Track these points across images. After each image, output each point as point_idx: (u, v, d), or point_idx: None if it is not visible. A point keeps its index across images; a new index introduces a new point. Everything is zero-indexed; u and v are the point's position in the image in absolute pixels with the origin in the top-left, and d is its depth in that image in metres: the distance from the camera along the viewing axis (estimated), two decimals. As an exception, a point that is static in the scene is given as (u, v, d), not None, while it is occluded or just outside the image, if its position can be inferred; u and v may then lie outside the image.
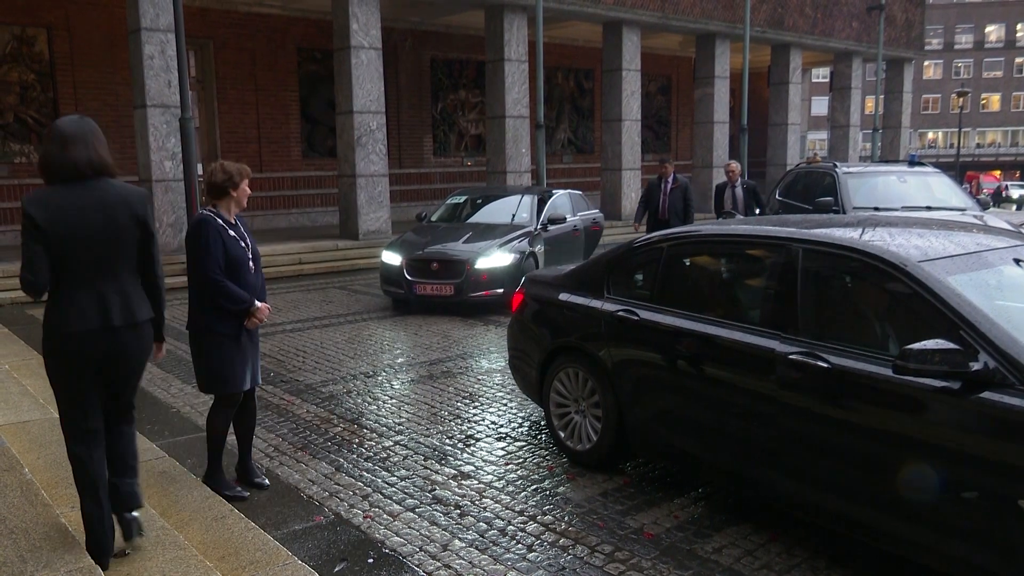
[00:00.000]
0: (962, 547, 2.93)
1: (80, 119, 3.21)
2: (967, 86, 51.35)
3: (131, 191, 3.18)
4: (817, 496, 3.46)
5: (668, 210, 10.71)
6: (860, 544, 3.60)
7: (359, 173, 14.84)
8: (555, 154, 22.93)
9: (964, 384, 2.88)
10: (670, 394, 4.26)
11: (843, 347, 3.35)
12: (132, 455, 3.37)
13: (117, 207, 3.07)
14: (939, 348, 2.88)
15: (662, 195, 10.78)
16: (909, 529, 3.12)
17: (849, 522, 3.36)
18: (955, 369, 2.86)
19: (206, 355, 4.16)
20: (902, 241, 3.55)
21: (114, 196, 3.09)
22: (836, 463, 3.34)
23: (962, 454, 2.91)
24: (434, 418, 5.71)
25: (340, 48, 14.75)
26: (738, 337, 3.80)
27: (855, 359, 3.27)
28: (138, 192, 3.21)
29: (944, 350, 2.87)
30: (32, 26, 14.68)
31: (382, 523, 4.04)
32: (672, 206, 10.67)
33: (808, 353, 3.42)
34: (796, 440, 3.50)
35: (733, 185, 10.89)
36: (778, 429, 3.57)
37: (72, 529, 3.32)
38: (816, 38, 24.02)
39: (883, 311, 3.58)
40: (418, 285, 9.51)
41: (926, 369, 2.89)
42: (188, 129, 11.50)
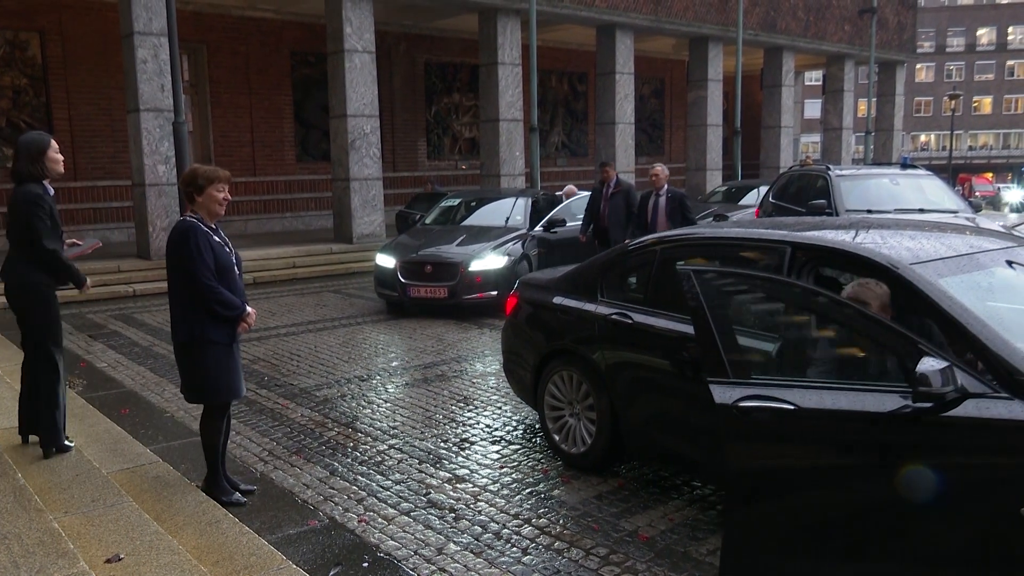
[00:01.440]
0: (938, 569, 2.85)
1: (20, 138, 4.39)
2: (959, 89, 51.57)
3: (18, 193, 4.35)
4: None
5: (608, 217, 9.76)
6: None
7: (353, 177, 14.84)
8: (549, 157, 22.96)
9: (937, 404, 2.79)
10: (664, 397, 4.28)
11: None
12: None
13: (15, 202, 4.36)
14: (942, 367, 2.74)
15: (603, 201, 9.95)
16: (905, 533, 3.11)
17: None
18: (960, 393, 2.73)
19: (202, 365, 4.09)
20: (894, 243, 3.56)
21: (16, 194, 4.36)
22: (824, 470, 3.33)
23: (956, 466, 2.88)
24: (429, 422, 5.70)
25: (334, 52, 14.75)
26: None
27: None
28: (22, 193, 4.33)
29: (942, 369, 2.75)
30: (25, 30, 14.65)
31: (377, 527, 4.04)
32: (612, 213, 9.70)
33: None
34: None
35: (657, 193, 9.27)
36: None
37: (66, 534, 3.31)
38: (809, 41, 24.11)
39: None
40: (412, 288, 9.51)
41: (947, 392, 2.66)
42: (181, 133, 11.49)
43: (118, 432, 5.23)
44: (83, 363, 7.58)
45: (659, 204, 9.16)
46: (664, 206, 9.12)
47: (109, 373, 7.22)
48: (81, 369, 7.35)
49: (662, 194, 9.20)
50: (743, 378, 3.05)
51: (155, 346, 8.28)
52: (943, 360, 2.74)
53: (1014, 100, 65.08)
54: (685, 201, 9.25)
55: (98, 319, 9.89)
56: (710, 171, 21.82)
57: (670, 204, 9.12)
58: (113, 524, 3.59)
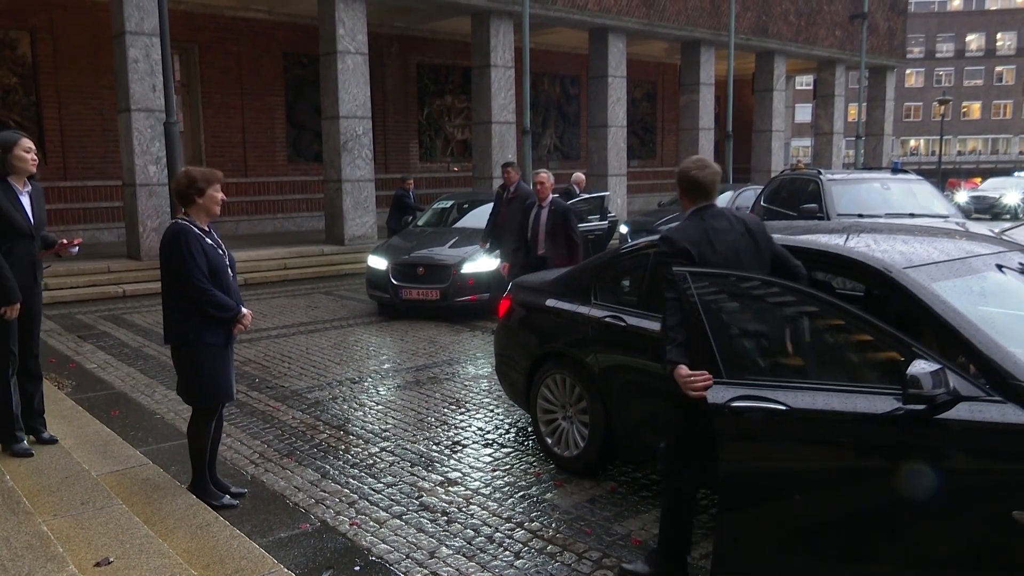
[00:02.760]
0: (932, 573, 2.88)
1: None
2: (948, 94, 51.87)
3: None
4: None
5: (506, 222, 8.70)
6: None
7: (345, 178, 14.80)
8: (541, 160, 22.96)
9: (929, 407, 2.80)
10: (658, 400, 4.26)
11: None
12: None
13: None
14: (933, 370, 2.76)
15: (501, 206, 9.09)
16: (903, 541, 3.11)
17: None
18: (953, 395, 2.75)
19: (196, 367, 4.07)
20: (887, 247, 3.57)
21: None
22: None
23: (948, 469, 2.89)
24: (420, 424, 5.69)
25: (326, 53, 14.72)
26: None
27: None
28: None
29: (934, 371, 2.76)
30: (15, 29, 14.55)
31: (368, 530, 4.02)
32: (509, 220, 8.53)
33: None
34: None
35: (540, 204, 7.79)
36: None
37: (55, 537, 3.28)
38: (800, 46, 24.21)
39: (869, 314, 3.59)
40: (404, 290, 9.49)
41: (938, 395, 2.70)
42: (172, 133, 11.44)
43: (108, 434, 5.19)
44: (72, 364, 7.53)
45: (540, 217, 7.68)
46: (545, 220, 7.62)
47: (99, 374, 7.17)
48: (70, 370, 7.30)
49: (545, 206, 7.68)
50: (737, 379, 3.07)
51: (145, 347, 8.23)
52: (935, 363, 2.75)
53: (1002, 105, 65.52)
54: (569, 216, 7.63)
55: (87, 320, 9.82)
56: (702, 175, 21.84)
57: (552, 219, 7.60)
58: (103, 527, 3.56)
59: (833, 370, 3.13)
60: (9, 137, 4.49)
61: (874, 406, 2.84)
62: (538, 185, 7.71)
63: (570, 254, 7.42)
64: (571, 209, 7.86)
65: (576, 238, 7.58)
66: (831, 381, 3.00)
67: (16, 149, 4.44)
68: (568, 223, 7.58)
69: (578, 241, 7.56)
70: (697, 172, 3.42)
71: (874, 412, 2.82)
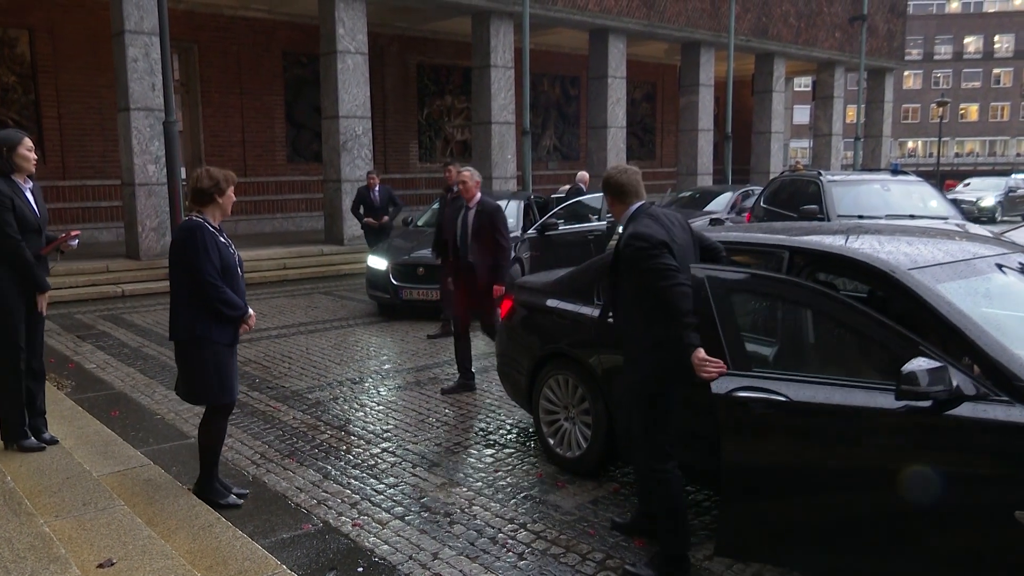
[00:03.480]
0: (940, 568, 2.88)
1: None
2: (946, 96, 51.95)
3: None
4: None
5: (445, 227, 7.40)
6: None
7: (345, 178, 14.79)
8: (541, 160, 22.97)
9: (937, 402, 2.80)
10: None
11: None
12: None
13: None
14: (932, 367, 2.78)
15: (445, 208, 7.90)
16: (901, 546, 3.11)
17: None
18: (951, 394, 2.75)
19: (204, 365, 4.06)
20: (891, 248, 3.57)
21: None
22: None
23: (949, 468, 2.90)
24: (422, 425, 5.68)
25: (327, 52, 14.71)
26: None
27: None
28: None
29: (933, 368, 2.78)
30: (14, 27, 14.52)
31: (371, 531, 4.01)
32: (448, 221, 7.35)
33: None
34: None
35: (467, 206, 6.79)
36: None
37: (57, 539, 3.26)
38: (800, 47, 24.23)
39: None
40: (404, 290, 9.47)
41: (933, 392, 2.72)
42: (172, 133, 11.41)
43: (108, 434, 5.18)
44: (72, 364, 7.51)
45: (467, 219, 6.74)
46: (472, 222, 6.69)
47: (98, 374, 7.15)
48: (70, 370, 7.28)
49: (472, 206, 6.73)
50: (743, 370, 3.16)
51: (145, 347, 8.21)
52: (937, 361, 2.75)
53: (1000, 108, 65.63)
54: (497, 218, 6.67)
55: (87, 319, 9.80)
56: (701, 176, 21.87)
57: (478, 220, 6.65)
58: (105, 528, 3.55)
59: (839, 365, 3.14)
60: (13, 136, 4.51)
61: (875, 401, 2.89)
62: (460, 185, 6.71)
63: (496, 260, 6.58)
64: (500, 208, 6.84)
65: (504, 241, 6.62)
66: (836, 376, 3.04)
67: (20, 148, 4.47)
68: (495, 224, 6.62)
69: (506, 245, 6.66)
70: (621, 176, 3.65)
71: (873, 407, 2.87)
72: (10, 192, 4.41)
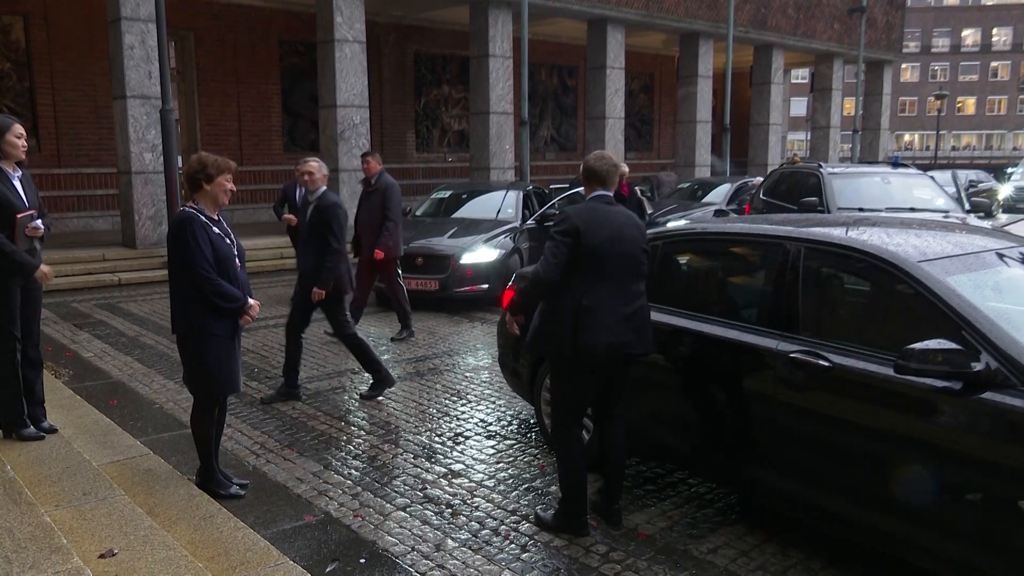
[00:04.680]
0: (961, 549, 2.93)
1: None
2: (943, 89, 51.96)
3: None
4: (814, 496, 3.45)
5: (359, 220, 7.84)
6: (855, 545, 3.59)
7: (342, 167, 14.70)
8: (538, 151, 22.89)
9: (966, 385, 2.87)
10: (663, 393, 4.25)
11: (844, 346, 3.34)
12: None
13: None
14: (941, 348, 2.87)
15: (363, 200, 8.15)
16: (908, 530, 3.11)
17: (846, 522, 3.36)
18: (957, 369, 2.86)
19: (201, 358, 4.01)
20: (900, 240, 3.54)
21: None
22: (835, 462, 3.33)
23: (963, 455, 2.91)
24: (422, 416, 5.65)
25: (324, 41, 14.60)
26: (735, 336, 3.79)
27: (856, 358, 3.26)
28: None
29: (946, 350, 2.86)
30: (8, 14, 14.39)
31: (373, 522, 3.99)
32: (366, 216, 7.83)
33: (809, 352, 3.41)
34: (794, 439, 3.49)
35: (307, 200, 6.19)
36: (775, 428, 3.56)
37: (58, 528, 3.23)
38: (798, 39, 24.17)
39: (883, 311, 3.58)
40: (402, 280, 9.40)
41: (928, 369, 2.88)
42: (169, 121, 11.33)
43: (107, 423, 5.15)
44: (69, 353, 7.46)
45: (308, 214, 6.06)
46: (310, 217, 6.01)
47: (95, 363, 7.11)
48: (67, 359, 7.24)
49: (312, 200, 6.05)
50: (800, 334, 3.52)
51: (142, 336, 8.17)
52: (956, 345, 2.89)
53: (997, 101, 65.67)
54: (329, 215, 5.82)
55: (83, 308, 9.75)
56: (699, 167, 21.82)
57: (315, 216, 5.94)
58: (106, 518, 3.52)
59: (885, 337, 3.31)
60: (2, 122, 4.43)
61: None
62: (305, 176, 6.01)
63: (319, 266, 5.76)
64: (338, 204, 5.88)
65: (336, 244, 5.73)
66: (881, 349, 3.23)
67: (8, 134, 4.39)
68: (326, 221, 5.70)
69: (336, 247, 5.74)
70: (594, 163, 3.95)
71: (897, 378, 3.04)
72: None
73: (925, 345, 2.89)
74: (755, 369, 3.68)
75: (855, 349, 3.31)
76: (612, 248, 3.70)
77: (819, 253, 3.63)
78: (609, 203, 3.87)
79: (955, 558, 2.96)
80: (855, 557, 3.58)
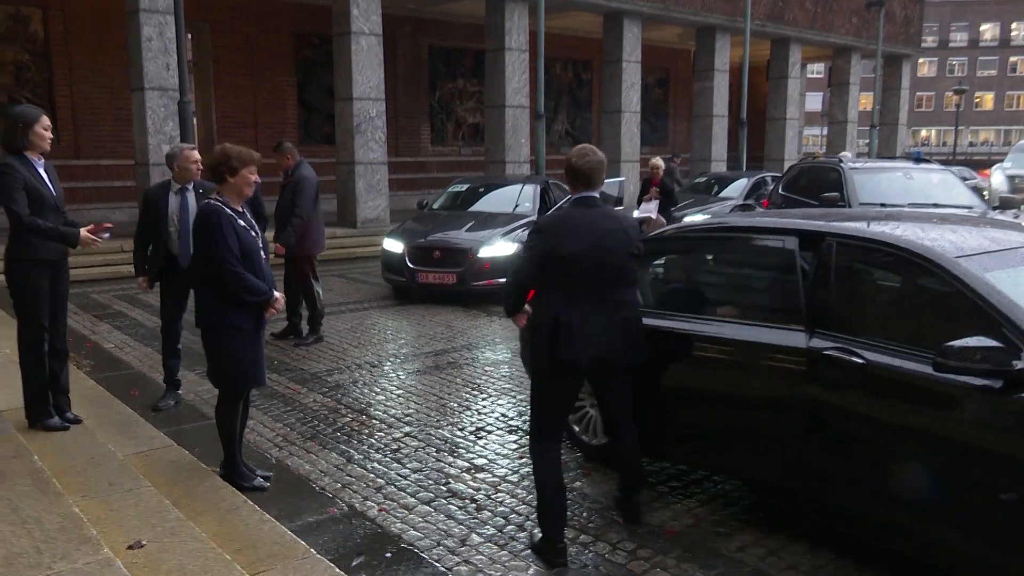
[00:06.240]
0: (997, 550, 2.88)
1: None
2: (962, 84, 51.49)
3: None
4: (848, 497, 3.40)
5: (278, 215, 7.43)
6: (884, 546, 3.54)
7: (358, 160, 14.71)
8: (552, 145, 22.80)
9: (1006, 383, 2.82)
10: (689, 390, 4.20)
11: (878, 343, 3.29)
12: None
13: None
14: (981, 346, 2.82)
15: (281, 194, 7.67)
16: (941, 531, 3.07)
17: (877, 524, 3.31)
18: (997, 367, 2.80)
19: (227, 352, 3.99)
20: (935, 235, 3.48)
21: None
22: (867, 461, 3.29)
23: (1001, 454, 2.86)
24: (443, 409, 5.63)
25: (340, 34, 14.58)
26: (763, 334, 3.72)
27: (891, 355, 3.21)
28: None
29: (986, 347, 2.81)
30: (27, 5, 14.44)
31: (398, 516, 3.97)
32: (281, 210, 7.50)
33: (843, 349, 3.36)
34: (825, 438, 3.44)
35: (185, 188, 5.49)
36: (805, 426, 3.51)
37: (87, 519, 3.23)
38: (816, 33, 23.98)
39: (919, 307, 3.53)
40: (420, 273, 9.41)
41: (967, 367, 2.83)
42: (186, 113, 11.35)
43: (129, 414, 5.16)
44: (89, 343, 7.49)
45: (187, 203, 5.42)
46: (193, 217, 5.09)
47: (116, 354, 7.13)
48: (87, 349, 7.26)
49: (189, 189, 5.46)
50: (835, 331, 3.44)
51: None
52: (996, 342, 2.83)
53: (1016, 96, 65.02)
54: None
55: (102, 299, 9.79)
56: (715, 162, 21.71)
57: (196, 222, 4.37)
58: (132, 509, 3.52)
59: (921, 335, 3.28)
60: (31, 112, 4.45)
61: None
62: (195, 165, 5.42)
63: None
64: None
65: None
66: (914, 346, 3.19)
67: (37, 125, 4.42)
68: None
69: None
70: (576, 160, 3.67)
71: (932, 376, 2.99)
72: (23, 170, 4.33)
73: (964, 342, 2.84)
74: (785, 367, 3.62)
75: (890, 346, 3.26)
76: (591, 257, 3.49)
77: (853, 248, 3.57)
78: (591, 206, 3.64)
79: (989, 559, 2.91)
80: (885, 557, 3.53)
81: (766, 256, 4.33)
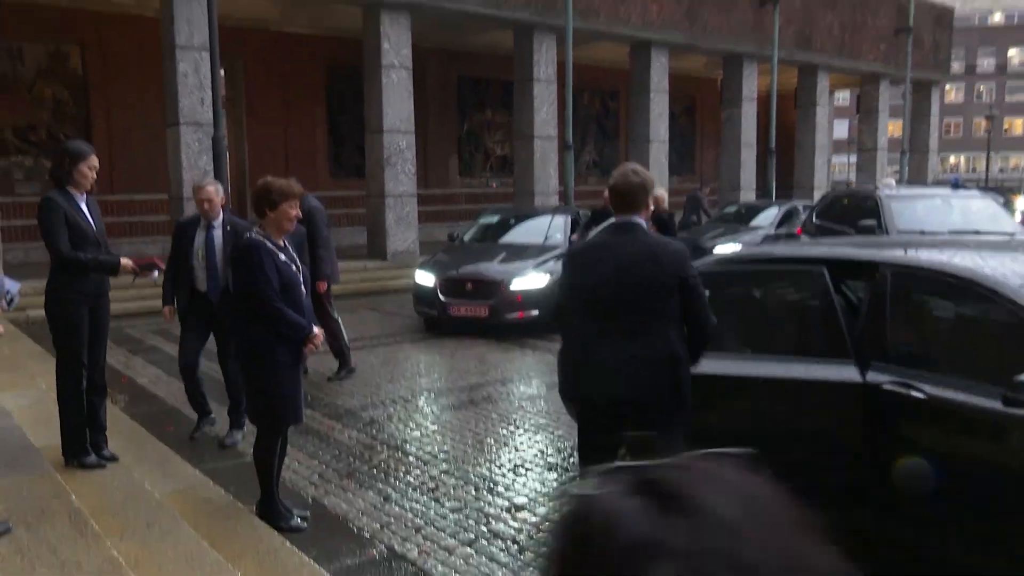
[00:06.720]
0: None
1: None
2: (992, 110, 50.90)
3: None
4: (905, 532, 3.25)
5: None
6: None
7: (388, 193, 14.77)
8: (580, 175, 22.79)
9: None
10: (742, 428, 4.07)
11: (938, 376, 3.16)
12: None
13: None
14: None
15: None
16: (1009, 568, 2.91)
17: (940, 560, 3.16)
18: None
19: (266, 386, 3.95)
20: (996, 264, 3.36)
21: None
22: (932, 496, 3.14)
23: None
24: (480, 445, 5.53)
25: (371, 67, 14.73)
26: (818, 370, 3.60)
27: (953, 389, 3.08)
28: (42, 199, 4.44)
29: None
30: (66, 43, 14.78)
31: (439, 559, 3.86)
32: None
33: (901, 383, 3.23)
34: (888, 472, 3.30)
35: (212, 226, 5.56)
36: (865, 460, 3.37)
37: (124, 561, 3.17)
38: (844, 60, 23.86)
39: (980, 337, 3.39)
40: (452, 306, 9.36)
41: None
42: (221, 148, 11.45)
43: (165, 451, 5.11)
44: (124, 378, 7.50)
45: (214, 241, 5.50)
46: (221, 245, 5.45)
47: (150, 389, 7.13)
48: (122, 384, 7.26)
49: (216, 226, 5.52)
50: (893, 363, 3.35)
51: (195, 361, 8.17)
52: None
53: (1046, 122, 64.19)
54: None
55: (135, 334, 9.83)
56: (744, 190, 21.56)
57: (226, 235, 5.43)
58: (171, 551, 3.45)
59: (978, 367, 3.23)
60: (80, 149, 4.48)
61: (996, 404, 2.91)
62: (206, 203, 5.45)
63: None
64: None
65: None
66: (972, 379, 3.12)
67: (83, 164, 4.44)
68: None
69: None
70: (613, 180, 3.38)
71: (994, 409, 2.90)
72: (65, 204, 4.35)
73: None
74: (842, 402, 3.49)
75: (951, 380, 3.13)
76: (616, 287, 3.20)
77: (909, 277, 3.45)
78: (625, 232, 3.29)
79: None
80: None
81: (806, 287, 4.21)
